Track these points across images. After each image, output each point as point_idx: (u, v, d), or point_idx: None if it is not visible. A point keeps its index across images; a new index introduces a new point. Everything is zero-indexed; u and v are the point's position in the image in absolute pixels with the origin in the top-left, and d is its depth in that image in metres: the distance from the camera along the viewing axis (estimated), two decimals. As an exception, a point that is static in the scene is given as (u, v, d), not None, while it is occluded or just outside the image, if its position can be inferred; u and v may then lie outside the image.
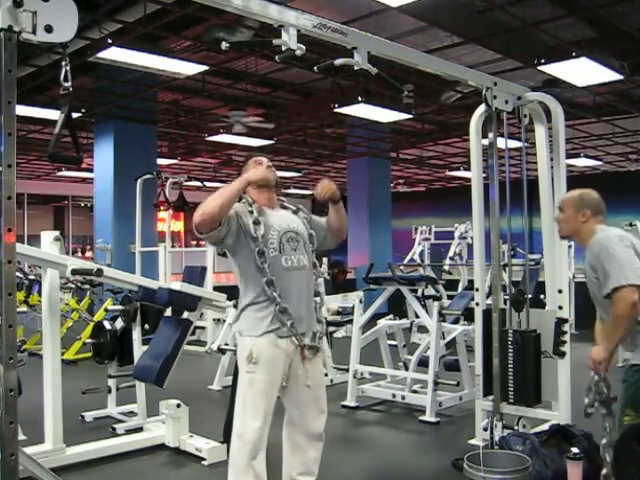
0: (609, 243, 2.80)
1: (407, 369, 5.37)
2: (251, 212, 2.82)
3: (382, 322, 5.81)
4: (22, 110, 8.33)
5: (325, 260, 10.38)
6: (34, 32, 2.10)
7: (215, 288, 7.01)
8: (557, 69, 7.48)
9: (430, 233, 11.18)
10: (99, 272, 3.74)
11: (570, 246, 8.64)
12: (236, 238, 2.78)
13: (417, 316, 5.57)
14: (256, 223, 2.80)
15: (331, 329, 6.90)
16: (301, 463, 2.92)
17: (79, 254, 18.81)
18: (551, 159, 4.02)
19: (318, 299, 2.98)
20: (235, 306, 4.57)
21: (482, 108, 4.00)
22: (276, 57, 2.92)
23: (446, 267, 10.04)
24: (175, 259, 10.02)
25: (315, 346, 2.85)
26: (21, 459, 2.14)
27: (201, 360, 7.51)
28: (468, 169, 4.39)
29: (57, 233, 3.89)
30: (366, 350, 5.55)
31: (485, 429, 3.80)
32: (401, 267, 9.45)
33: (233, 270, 2.92)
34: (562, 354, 3.79)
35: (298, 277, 2.84)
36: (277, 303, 2.74)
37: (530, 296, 4.00)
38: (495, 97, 3.75)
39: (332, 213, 3.02)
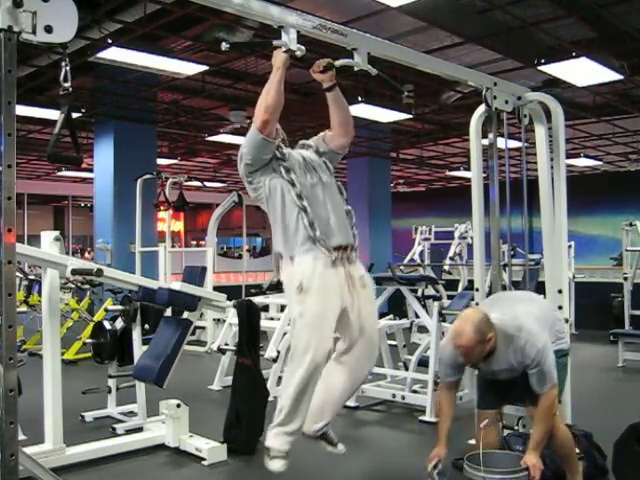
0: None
1: (407, 369, 5.37)
2: (278, 148, 2.92)
3: (382, 322, 5.80)
4: (22, 110, 8.33)
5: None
6: (34, 32, 2.11)
7: (215, 288, 7.02)
8: (557, 69, 7.49)
9: (430, 233, 11.18)
10: (99, 272, 3.74)
11: (570, 246, 8.66)
12: (262, 164, 2.88)
13: (417, 316, 5.57)
14: (280, 148, 2.92)
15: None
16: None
17: (79, 254, 18.81)
18: (551, 159, 4.01)
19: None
20: (235, 306, 4.59)
21: (482, 108, 4.00)
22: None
23: (446, 267, 10.04)
24: (175, 259, 10.03)
25: (352, 258, 2.88)
26: (21, 459, 2.14)
27: (201, 360, 7.51)
28: (468, 169, 4.39)
29: (57, 233, 3.89)
30: (366, 350, 5.54)
31: (485, 429, 3.80)
32: (401, 267, 9.45)
33: (264, 207, 2.97)
34: (562, 354, 3.77)
35: (325, 192, 2.91)
36: (307, 213, 2.80)
37: (530, 296, 3.99)
38: (495, 97, 3.75)
39: (331, 105, 3.06)
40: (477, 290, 4.13)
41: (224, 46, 2.80)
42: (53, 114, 8.31)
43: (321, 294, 2.77)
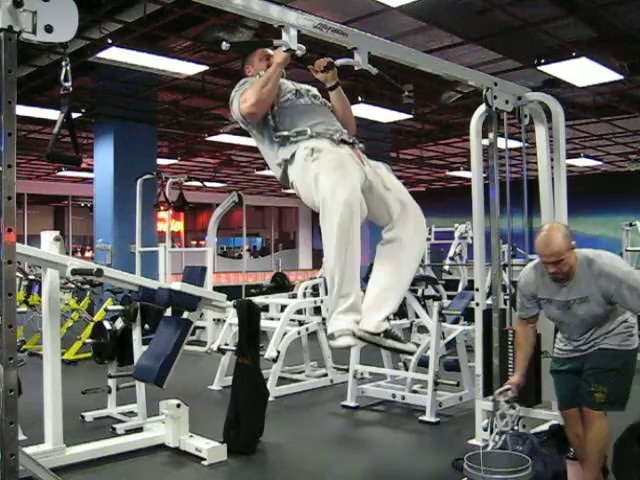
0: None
1: (407, 369, 5.37)
2: None
3: (382, 322, 5.79)
4: (22, 110, 8.34)
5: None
6: (34, 32, 2.10)
7: (215, 288, 7.01)
8: (557, 69, 7.49)
9: (430, 233, 11.17)
10: (99, 272, 3.74)
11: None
12: None
13: (417, 316, 5.56)
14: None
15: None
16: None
17: (79, 254, 18.81)
18: (551, 159, 4.02)
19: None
20: (235, 306, 4.59)
21: (482, 108, 4.00)
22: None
23: (446, 267, 10.04)
24: (175, 259, 10.02)
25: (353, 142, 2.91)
26: (21, 459, 2.14)
27: (201, 360, 7.51)
28: (468, 169, 4.39)
29: (57, 233, 3.88)
30: (366, 350, 5.51)
31: (485, 429, 3.80)
32: (401, 267, 9.42)
33: (256, 136, 2.98)
34: (562, 354, 3.77)
35: (312, 106, 2.95)
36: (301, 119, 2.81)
37: (530, 296, 3.99)
38: (495, 97, 3.75)
39: (335, 103, 3.09)
40: (477, 290, 4.13)
41: (224, 46, 2.80)
42: (53, 114, 8.31)
43: (335, 151, 2.75)
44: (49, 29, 2.13)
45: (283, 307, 6.42)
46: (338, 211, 2.47)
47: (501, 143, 4.00)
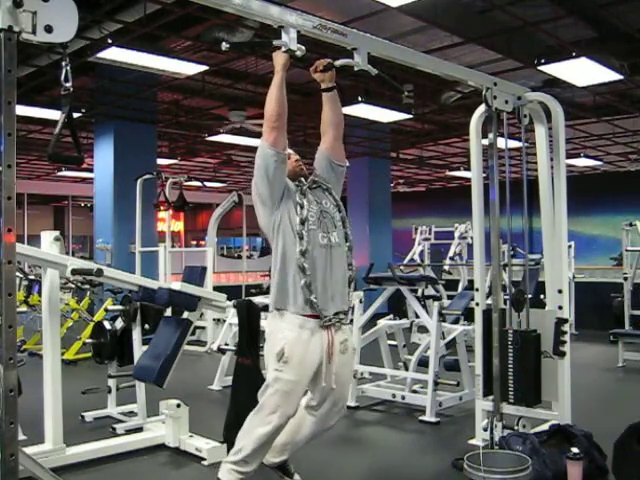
0: None
1: (407, 369, 5.37)
2: (297, 186, 2.94)
3: (382, 322, 5.81)
4: (22, 110, 8.32)
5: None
6: (34, 32, 2.10)
7: (215, 288, 7.02)
8: (557, 69, 7.49)
9: (430, 233, 11.17)
10: (99, 272, 3.74)
11: (570, 246, 8.66)
12: (279, 192, 2.85)
13: (417, 316, 5.56)
14: (303, 194, 2.91)
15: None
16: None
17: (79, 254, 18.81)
18: (551, 159, 4.02)
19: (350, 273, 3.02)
20: (235, 306, 4.59)
21: (482, 108, 4.00)
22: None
23: (446, 267, 10.03)
24: (175, 259, 10.03)
25: (340, 324, 2.90)
26: (21, 459, 2.14)
27: (201, 360, 7.51)
28: (468, 169, 4.39)
29: (57, 233, 3.88)
30: (366, 350, 5.54)
31: (485, 429, 3.80)
32: (401, 267, 9.44)
33: (268, 235, 2.92)
34: (562, 354, 3.78)
35: (332, 254, 2.90)
36: (305, 274, 2.79)
37: (530, 296, 4.00)
38: (495, 97, 3.75)
39: (327, 105, 3.09)
40: (477, 290, 4.13)
41: (224, 46, 2.80)
42: (53, 114, 8.30)
43: (300, 366, 2.82)
44: (49, 29, 2.13)
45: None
46: (269, 425, 2.83)
47: (501, 143, 4.00)
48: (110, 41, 6.61)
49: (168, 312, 4.25)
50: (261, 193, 2.86)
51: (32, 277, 7.70)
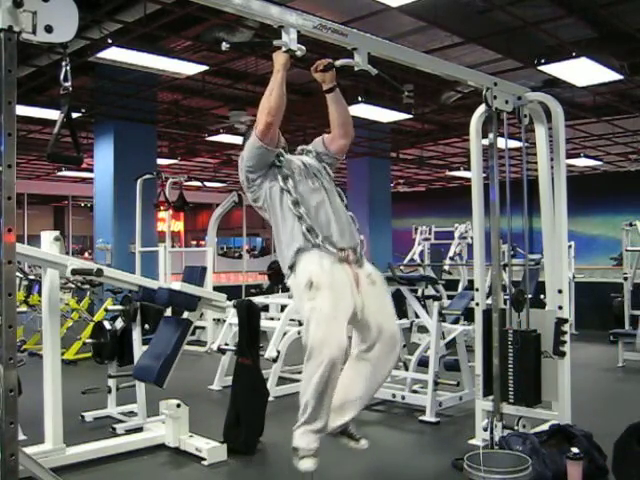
0: None
1: (407, 369, 5.37)
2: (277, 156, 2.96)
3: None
4: (22, 110, 8.34)
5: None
6: (34, 32, 2.10)
7: (215, 288, 7.02)
8: (557, 69, 7.50)
9: (430, 233, 11.17)
10: (99, 272, 3.74)
11: (570, 246, 8.66)
12: (261, 171, 2.91)
13: (417, 316, 5.56)
14: (280, 155, 2.94)
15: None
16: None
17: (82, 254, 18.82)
18: (551, 159, 4.01)
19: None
20: (235, 306, 4.59)
21: (482, 108, 4.00)
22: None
23: (446, 267, 10.03)
24: (175, 259, 10.02)
25: (359, 260, 2.87)
26: (21, 459, 2.14)
27: (201, 360, 7.51)
28: (468, 169, 4.39)
29: (57, 233, 3.88)
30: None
31: (485, 429, 3.80)
32: (401, 267, 9.45)
33: (265, 216, 2.99)
34: (562, 354, 3.78)
35: (327, 196, 2.91)
36: (303, 220, 2.80)
37: (530, 296, 4.00)
38: (495, 97, 3.74)
39: (331, 106, 3.08)
40: (477, 290, 4.13)
41: (224, 46, 2.80)
42: (53, 114, 8.31)
43: (332, 288, 2.74)
44: (49, 29, 2.13)
45: (283, 307, 6.42)
46: (322, 366, 2.67)
47: (501, 143, 4.00)
48: (110, 41, 6.62)
49: (168, 312, 4.25)
50: (247, 179, 2.96)
51: (32, 277, 7.70)
